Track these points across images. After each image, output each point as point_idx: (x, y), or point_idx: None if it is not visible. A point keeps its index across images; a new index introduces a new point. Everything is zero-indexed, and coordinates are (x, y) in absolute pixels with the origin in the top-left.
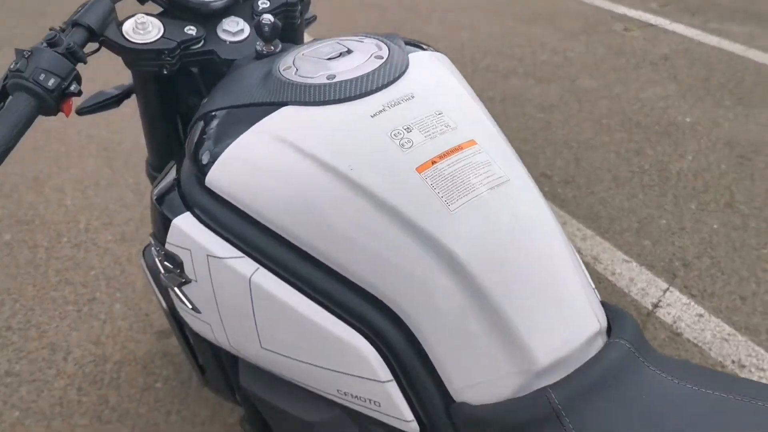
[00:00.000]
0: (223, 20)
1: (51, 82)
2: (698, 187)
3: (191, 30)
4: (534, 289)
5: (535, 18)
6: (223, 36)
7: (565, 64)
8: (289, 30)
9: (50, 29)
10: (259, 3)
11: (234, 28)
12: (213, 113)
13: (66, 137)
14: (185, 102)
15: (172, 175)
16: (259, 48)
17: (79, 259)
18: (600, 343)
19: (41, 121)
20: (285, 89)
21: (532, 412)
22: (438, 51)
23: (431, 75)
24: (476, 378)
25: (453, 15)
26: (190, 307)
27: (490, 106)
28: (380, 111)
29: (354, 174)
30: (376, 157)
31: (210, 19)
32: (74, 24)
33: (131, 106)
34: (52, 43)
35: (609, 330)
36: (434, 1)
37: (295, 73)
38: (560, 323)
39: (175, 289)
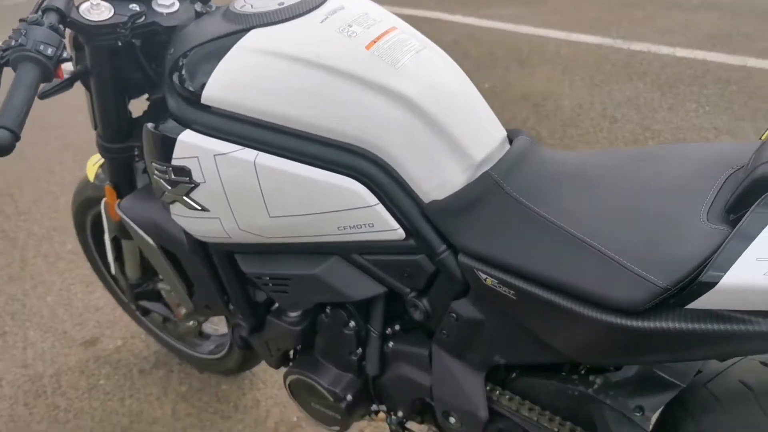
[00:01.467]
0: None
1: (50, 51)
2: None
3: (135, 6)
4: (463, 112)
5: None
6: (159, 9)
7: None
8: None
9: (21, 20)
10: None
11: (167, 2)
12: (186, 54)
13: None
14: (131, 79)
15: (153, 116)
16: (198, 9)
17: None
18: (508, 144)
19: None
20: (248, 18)
21: (482, 188)
22: None
23: None
24: (437, 180)
25: None
26: (200, 209)
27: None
28: (325, 19)
29: (322, 60)
30: (334, 45)
31: None
32: (46, 9)
33: None
34: (36, 22)
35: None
36: None
37: (252, 8)
38: (483, 132)
39: (184, 198)
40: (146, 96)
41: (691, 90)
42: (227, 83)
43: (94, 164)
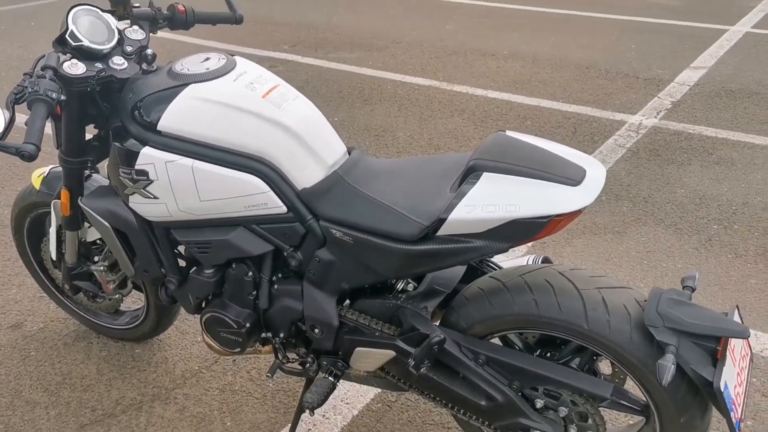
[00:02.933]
0: (111, 59)
1: (54, 95)
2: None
3: (98, 65)
4: (319, 135)
5: None
6: (114, 67)
7: None
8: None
9: (25, 73)
10: (126, 47)
11: (120, 62)
12: (145, 98)
13: None
14: (89, 113)
15: (119, 138)
16: (145, 68)
17: None
18: (347, 153)
19: None
20: (187, 77)
21: (333, 180)
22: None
23: (246, 63)
24: (306, 175)
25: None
26: (152, 197)
27: None
28: (236, 78)
29: (236, 102)
30: (243, 95)
31: (103, 59)
32: (44, 67)
33: None
34: (41, 76)
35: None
36: None
37: (188, 70)
38: (332, 147)
39: (142, 190)
40: (93, 125)
41: (497, 124)
42: (175, 117)
43: (38, 176)
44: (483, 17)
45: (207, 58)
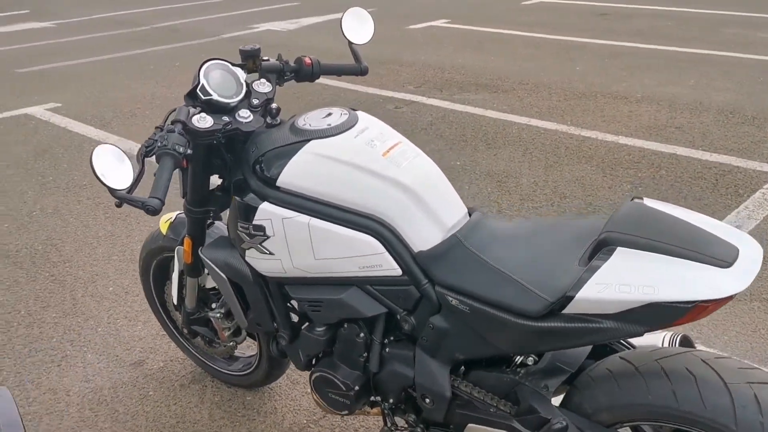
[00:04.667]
0: (238, 112)
1: (181, 149)
2: (478, 204)
3: (225, 118)
4: (439, 196)
5: (327, 103)
6: (240, 119)
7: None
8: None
9: (156, 127)
10: (253, 100)
11: (246, 115)
12: (266, 153)
13: None
14: (215, 164)
15: (240, 192)
16: (269, 122)
17: (36, 335)
18: (467, 216)
19: None
20: (309, 133)
21: (452, 244)
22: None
23: (369, 119)
24: (423, 237)
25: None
26: (268, 253)
27: None
28: (357, 135)
29: (356, 161)
30: (363, 153)
31: (230, 111)
32: (174, 121)
33: None
34: (171, 131)
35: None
36: None
37: (310, 126)
38: (452, 209)
39: (258, 245)
40: (217, 176)
41: (627, 173)
42: (295, 173)
43: (166, 222)
44: (613, 58)
45: (329, 114)
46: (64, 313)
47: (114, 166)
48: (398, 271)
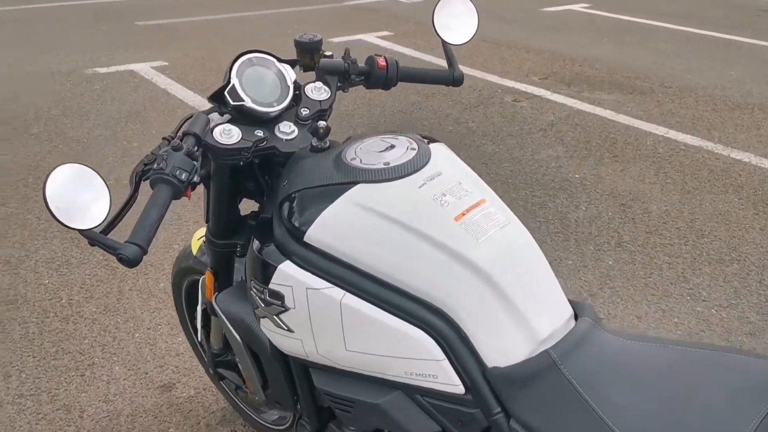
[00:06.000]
0: (279, 124)
1: (183, 176)
2: (593, 232)
3: (259, 133)
4: (533, 290)
5: (434, 93)
6: (279, 135)
7: (469, 134)
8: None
9: (163, 138)
10: (301, 110)
11: (288, 130)
12: (297, 192)
13: (27, 223)
14: (245, 186)
15: (260, 237)
16: (314, 144)
17: (69, 331)
18: (573, 321)
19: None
20: (356, 173)
21: (541, 365)
22: (441, 142)
23: (446, 157)
24: (501, 348)
25: (362, 93)
26: (286, 329)
27: None
28: (423, 184)
29: (415, 225)
30: (427, 213)
31: (269, 123)
32: (186, 133)
33: None
34: (176, 148)
35: (575, 315)
36: None
37: (361, 162)
38: (550, 310)
39: (274, 317)
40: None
41: None
42: (329, 228)
43: (198, 239)
44: None
45: (391, 146)
46: (105, 309)
47: (79, 194)
48: (460, 389)
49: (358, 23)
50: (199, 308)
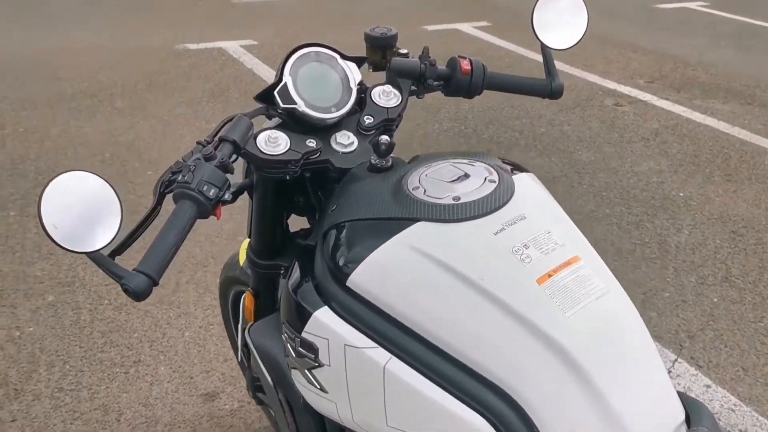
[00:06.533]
0: (336, 134)
1: (212, 192)
2: (696, 261)
3: (311, 142)
4: (631, 380)
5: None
6: (336, 147)
7: (563, 137)
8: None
9: (198, 142)
10: (365, 118)
11: (346, 141)
12: (346, 223)
13: None
14: (293, 200)
15: (299, 271)
16: (374, 161)
17: (121, 321)
18: (684, 429)
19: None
20: (417, 207)
21: None
22: (530, 171)
23: (534, 195)
24: None
25: None
26: (318, 387)
27: None
28: (501, 230)
29: (485, 284)
30: (502, 269)
31: (325, 131)
32: (222, 139)
33: None
34: (208, 157)
35: (687, 417)
36: None
37: (424, 193)
38: (652, 408)
39: (306, 371)
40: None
41: None
42: (378, 274)
43: (245, 248)
44: None
45: (465, 174)
46: (159, 301)
47: (84, 208)
48: None
49: (457, 11)
50: (240, 327)
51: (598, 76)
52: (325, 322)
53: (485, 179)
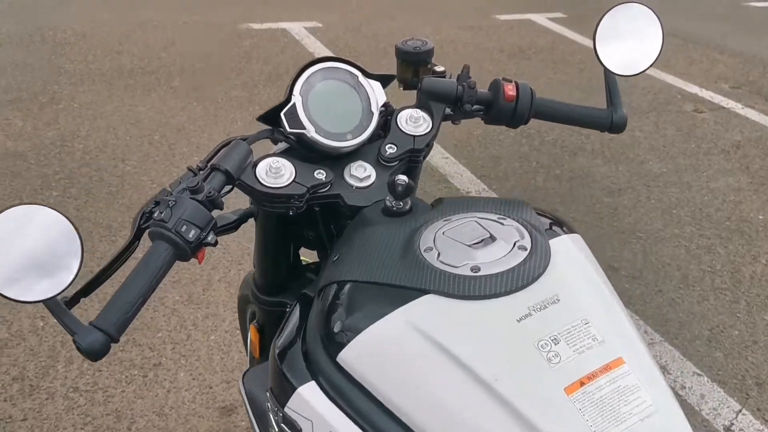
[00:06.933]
0: (351, 164)
1: (192, 234)
2: None
3: (321, 174)
4: None
5: (599, 89)
6: (349, 180)
7: (633, 144)
8: (407, 170)
9: (188, 168)
10: (386, 147)
11: (361, 174)
12: (347, 283)
13: (140, 185)
14: (301, 233)
15: (291, 328)
16: (389, 203)
17: (146, 318)
18: None
19: (115, 168)
20: (427, 275)
21: None
22: (573, 232)
23: (573, 269)
24: None
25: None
26: None
27: (556, 185)
28: (526, 315)
29: (498, 386)
30: (523, 369)
31: (338, 160)
32: (213, 168)
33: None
34: (194, 189)
35: None
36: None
37: (438, 258)
38: None
39: None
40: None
41: None
42: (372, 356)
43: None
44: None
45: (490, 237)
46: (189, 299)
47: (38, 247)
48: None
49: (533, 0)
50: (248, 357)
51: (678, 78)
52: (310, 401)
53: (514, 244)
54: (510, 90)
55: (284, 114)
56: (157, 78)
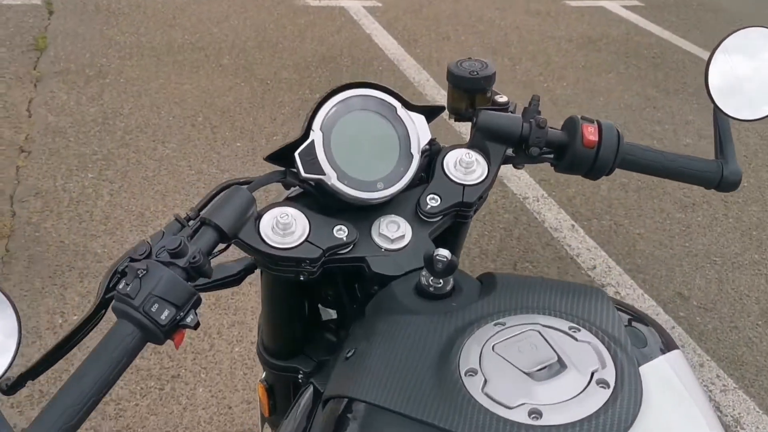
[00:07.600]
0: (381, 218)
1: (164, 315)
2: None
3: (341, 232)
4: None
5: (682, 87)
6: (378, 240)
7: (711, 153)
8: (453, 227)
9: (175, 218)
10: (428, 198)
11: (393, 232)
12: (360, 403)
13: (177, 170)
14: (316, 289)
15: (300, 419)
16: (424, 281)
17: None
18: None
19: (154, 151)
20: (467, 414)
21: None
22: (673, 347)
23: (676, 417)
24: None
25: (588, 77)
26: None
27: (622, 195)
28: None
29: None
30: None
31: (365, 213)
32: (204, 222)
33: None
34: (174, 253)
35: None
36: (561, 69)
37: (483, 388)
38: None
39: None
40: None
41: None
42: None
43: None
44: None
45: (558, 361)
46: (216, 303)
47: None
48: None
49: None
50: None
51: None
52: None
53: (592, 376)
54: (590, 133)
55: (299, 154)
56: (207, 55)
